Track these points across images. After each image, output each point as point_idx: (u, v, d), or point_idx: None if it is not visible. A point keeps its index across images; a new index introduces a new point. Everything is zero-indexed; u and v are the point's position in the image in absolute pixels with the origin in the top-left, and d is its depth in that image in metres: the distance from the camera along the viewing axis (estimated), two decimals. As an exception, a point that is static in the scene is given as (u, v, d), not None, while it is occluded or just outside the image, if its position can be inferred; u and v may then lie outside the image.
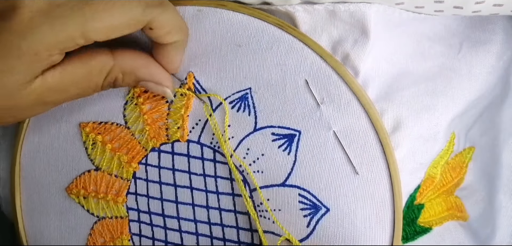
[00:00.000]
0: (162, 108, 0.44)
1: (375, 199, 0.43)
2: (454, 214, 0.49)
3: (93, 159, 0.45)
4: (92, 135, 0.45)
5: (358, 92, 0.42)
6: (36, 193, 0.47)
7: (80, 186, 0.46)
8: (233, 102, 0.43)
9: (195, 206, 0.44)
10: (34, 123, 0.46)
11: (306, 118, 0.42)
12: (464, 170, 0.49)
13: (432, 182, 0.46)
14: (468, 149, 0.49)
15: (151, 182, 0.45)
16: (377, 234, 0.43)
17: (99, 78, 0.39)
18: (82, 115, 0.45)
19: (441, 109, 0.44)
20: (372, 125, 0.42)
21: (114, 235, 0.46)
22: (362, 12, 0.41)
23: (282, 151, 0.43)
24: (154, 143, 0.44)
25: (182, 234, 0.45)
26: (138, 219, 0.46)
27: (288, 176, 0.43)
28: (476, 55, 0.46)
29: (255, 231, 0.44)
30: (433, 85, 0.45)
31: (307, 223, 0.43)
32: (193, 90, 0.43)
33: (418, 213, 0.47)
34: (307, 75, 0.42)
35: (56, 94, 0.38)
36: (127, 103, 0.44)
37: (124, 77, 0.40)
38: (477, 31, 0.46)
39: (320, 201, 0.43)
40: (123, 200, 0.45)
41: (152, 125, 0.44)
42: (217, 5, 0.43)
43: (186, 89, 0.43)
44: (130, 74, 0.40)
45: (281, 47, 0.42)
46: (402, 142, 0.43)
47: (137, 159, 0.45)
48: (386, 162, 0.43)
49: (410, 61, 0.45)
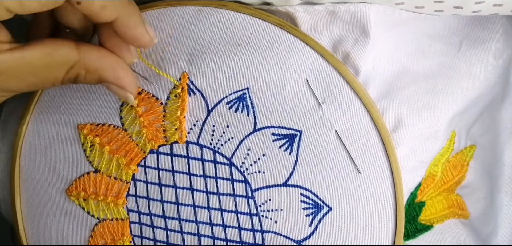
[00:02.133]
0: (157, 110, 0.44)
1: (377, 197, 0.43)
2: (455, 212, 0.49)
3: (92, 161, 0.45)
4: (90, 137, 0.45)
5: (359, 91, 0.42)
6: (36, 195, 0.47)
7: (80, 188, 0.45)
8: (231, 102, 0.43)
9: (196, 207, 0.44)
10: (34, 125, 0.46)
11: (307, 117, 0.43)
12: (465, 168, 0.49)
13: (433, 180, 0.47)
14: (469, 148, 0.49)
15: (151, 184, 0.45)
16: (380, 232, 0.44)
17: (60, 71, 0.37)
18: (80, 117, 0.45)
19: (441, 107, 0.45)
20: (373, 124, 0.43)
21: (115, 237, 0.46)
22: (362, 12, 0.41)
23: (283, 151, 0.43)
24: (152, 145, 0.44)
25: (184, 235, 0.45)
26: (139, 221, 0.45)
27: (290, 176, 0.43)
28: (476, 53, 0.46)
29: (257, 231, 0.44)
30: (433, 83, 0.45)
31: (310, 223, 0.43)
32: (187, 91, 0.43)
33: (419, 211, 0.47)
34: (308, 74, 0.42)
35: (11, 80, 0.36)
36: (123, 104, 0.44)
37: (87, 75, 0.38)
38: (476, 29, 0.47)
39: (322, 201, 0.43)
40: (123, 202, 0.45)
41: (149, 127, 0.44)
42: (218, 5, 0.43)
43: (180, 90, 0.43)
44: (93, 73, 0.38)
45: (282, 47, 0.42)
46: (403, 141, 0.44)
47: (135, 161, 0.44)
48: (388, 161, 0.43)
49: (410, 59, 0.46)
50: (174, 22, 0.43)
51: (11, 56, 0.35)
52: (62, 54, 0.36)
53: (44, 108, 0.46)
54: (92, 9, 0.35)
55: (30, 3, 0.33)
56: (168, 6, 0.44)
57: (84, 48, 0.37)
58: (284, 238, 0.44)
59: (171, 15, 0.43)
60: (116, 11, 0.36)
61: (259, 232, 0.44)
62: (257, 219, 0.44)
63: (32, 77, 0.36)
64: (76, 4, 0.34)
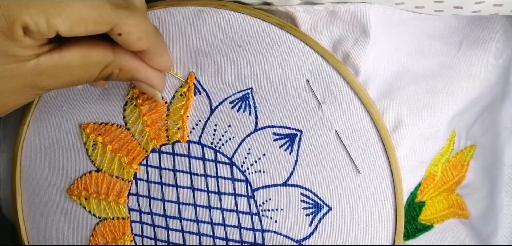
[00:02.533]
0: (161, 109, 0.44)
1: (377, 197, 0.43)
2: (456, 212, 0.49)
3: (94, 160, 0.45)
4: (92, 136, 0.45)
5: (359, 91, 0.42)
6: (37, 195, 0.47)
7: (82, 187, 0.46)
8: (234, 102, 0.43)
9: (197, 207, 0.44)
10: (35, 124, 0.46)
11: (307, 117, 0.43)
12: (465, 168, 0.49)
13: (432, 180, 0.47)
14: (469, 148, 0.49)
15: (152, 183, 0.45)
16: (379, 232, 0.44)
17: (95, 70, 0.38)
18: (82, 116, 0.45)
19: (441, 107, 0.45)
20: (373, 124, 0.43)
21: (116, 236, 0.46)
22: (362, 12, 0.41)
23: (284, 151, 0.43)
24: (154, 144, 0.44)
25: (185, 234, 0.45)
26: (140, 220, 0.46)
27: (290, 175, 0.43)
28: (476, 53, 0.46)
29: (257, 231, 0.44)
30: (433, 83, 0.45)
31: (310, 222, 0.43)
32: (194, 90, 0.43)
33: (419, 211, 0.47)
34: (308, 74, 0.43)
35: (49, 79, 0.37)
36: (127, 104, 0.45)
37: (120, 74, 0.40)
38: (476, 29, 0.47)
39: (322, 200, 0.43)
40: (125, 201, 0.45)
41: (152, 126, 0.44)
42: (217, 6, 0.43)
43: (186, 89, 0.43)
44: (127, 72, 0.40)
45: (282, 47, 0.42)
46: (403, 141, 0.44)
47: (137, 160, 0.45)
48: (387, 161, 0.43)
49: (410, 59, 0.46)
50: (175, 22, 0.43)
51: (50, 58, 0.36)
52: (99, 55, 0.38)
53: (45, 108, 0.46)
54: (130, 40, 0.37)
55: (78, 29, 0.34)
56: (168, 6, 0.44)
57: (119, 49, 0.39)
58: (284, 237, 0.44)
59: (172, 16, 0.44)
60: (149, 43, 0.39)
61: (259, 231, 0.44)
62: (258, 219, 0.44)
63: (68, 76, 0.37)
64: (117, 35, 0.37)
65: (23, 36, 0.33)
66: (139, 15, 0.38)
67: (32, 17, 0.33)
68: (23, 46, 0.34)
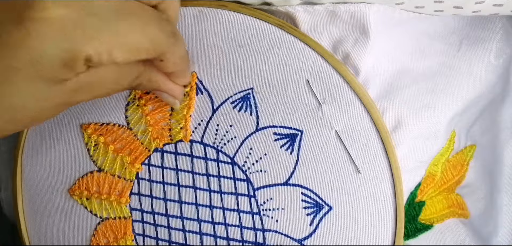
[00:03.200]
0: (165, 108, 0.44)
1: (377, 197, 0.43)
2: (455, 211, 0.49)
3: (95, 160, 0.46)
4: (94, 137, 0.45)
5: (359, 92, 0.42)
6: (38, 195, 0.47)
7: (83, 187, 0.46)
8: (235, 102, 0.43)
9: (198, 206, 0.45)
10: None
11: (308, 117, 0.43)
12: (465, 168, 0.49)
13: (432, 179, 0.47)
14: (469, 147, 0.49)
15: (154, 182, 0.45)
16: (380, 232, 0.44)
17: (126, 82, 0.38)
18: (83, 117, 0.45)
19: (441, 107, 0.45)
20: (373, 124, 0.43)
21: (118, 236, 0.46)
22: (362, 12, 0.41)
23: (285, 151, 0.43)
24: (157, 143, 0.44)
25: (186, 233, 0.45)
26: (141, 219, 0.46)
27: (291, 175, 0.43)
28: (476, 53, 0.46)
29: (258, 230, 0.44)
30: (433, 83, 0.45)
31: (310, 222, 0.43)
32: (195, 90, 0.44)
33: (419, 211, 0.47)
34: (308, 75, 0.43)
35: (83, 95, 0.36)
36: (129, 104, 0.45)
37: (147, 84, 0.40)
38: (476, 29, 0.47)
39: (323, 200, 0.43)
40: (126, 200, 0.46)
41: (155, 126, 0.44)
42: (217, 6, 0.43)
43: (188, 89, 0.43)
44: (154, 83, 0.40)
45: (282, 48, 0.43)
46: (403, 141, 0.44)
47: (140, 160, 0.45)
48: (387, 161, 0.43)
49: (410, 59, 0.46)
50: None
51: (88, 75, 0.35)
52: (132, 68, 0.38)
53: (46, 108, 0.46)
54: (167, 65, 0.38)
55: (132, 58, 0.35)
56: (169, 7, 0.44)
57: (148, 62, 0.38)
58: (285, 237, 0.44)
59: None
60: (181, 67, 0.40)
61: (260, 231, 0.44)
62: (259, 218, 0.44)
63: (101, 90, 0.37)
64: (159, 61, 0.38)
65: (82, 66, 0.33)
66: (181, 42, 0.38)
67: (96, 49, 0.32)
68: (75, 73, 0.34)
